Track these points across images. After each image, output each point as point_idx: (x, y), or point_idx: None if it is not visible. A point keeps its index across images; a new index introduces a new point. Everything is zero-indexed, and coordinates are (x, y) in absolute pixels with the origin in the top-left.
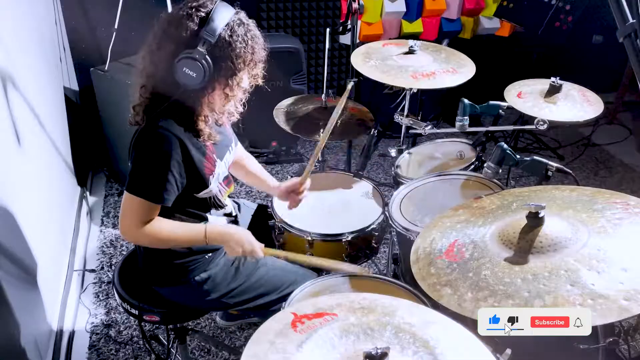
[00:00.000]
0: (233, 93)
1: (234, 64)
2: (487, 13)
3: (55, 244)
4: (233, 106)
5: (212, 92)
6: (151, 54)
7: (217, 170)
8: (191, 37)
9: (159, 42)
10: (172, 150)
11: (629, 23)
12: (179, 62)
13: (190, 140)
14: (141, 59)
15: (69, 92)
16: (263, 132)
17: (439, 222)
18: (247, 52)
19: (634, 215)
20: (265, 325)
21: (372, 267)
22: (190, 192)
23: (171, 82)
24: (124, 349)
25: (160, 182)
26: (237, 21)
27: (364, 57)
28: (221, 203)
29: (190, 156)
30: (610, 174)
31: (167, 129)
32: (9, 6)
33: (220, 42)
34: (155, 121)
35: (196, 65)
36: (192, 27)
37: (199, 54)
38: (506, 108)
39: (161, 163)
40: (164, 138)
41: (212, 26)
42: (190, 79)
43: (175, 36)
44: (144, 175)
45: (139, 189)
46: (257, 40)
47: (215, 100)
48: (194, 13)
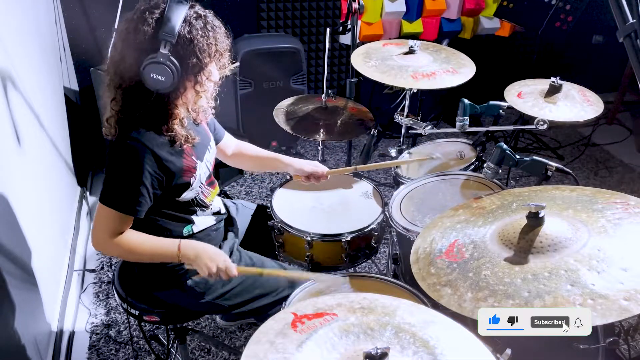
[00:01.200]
0: (204, 88)
1: (200, 59)
2: (487, 13)
3: (55, 244)
4: (206, 101)
5: (185, 92)
6: (115, 65)
7: (198, 171)
8: (151, 41)
9: (120, 52)
10: (143, 162)
11: (629, 23)
12: (145, 69)
13: (165, 147)
14: (106, 73)
15: (69, 92)
16: (263, 132)
17: (439, 222)
18: (211, 44)
19: (634, 215)
20: (265, 325)
21: (372, 267)
22: (172, 197)
23: (141, 91)
24: (124, 349)
25: (132, 194)
26: (193, 15)
27: (364, 57)
28: (205, 204)
29: (166, 165)
30: (610, 174)
31: (139, 140)
32: (9, 6)
33: (181, 40)
34: (127, 132)
35: (163, 69)
36: (149, 31)
37: (162, 56)
38: (506, 108)
39: (133, 176)
40: (135, 150)
41: (169, 26)
42: (160, 84)
43: (134, 43)
44: (117, 188)
45: (112, 201)
46: (218, 30)
47: (188, 99)
48: (148, 16)
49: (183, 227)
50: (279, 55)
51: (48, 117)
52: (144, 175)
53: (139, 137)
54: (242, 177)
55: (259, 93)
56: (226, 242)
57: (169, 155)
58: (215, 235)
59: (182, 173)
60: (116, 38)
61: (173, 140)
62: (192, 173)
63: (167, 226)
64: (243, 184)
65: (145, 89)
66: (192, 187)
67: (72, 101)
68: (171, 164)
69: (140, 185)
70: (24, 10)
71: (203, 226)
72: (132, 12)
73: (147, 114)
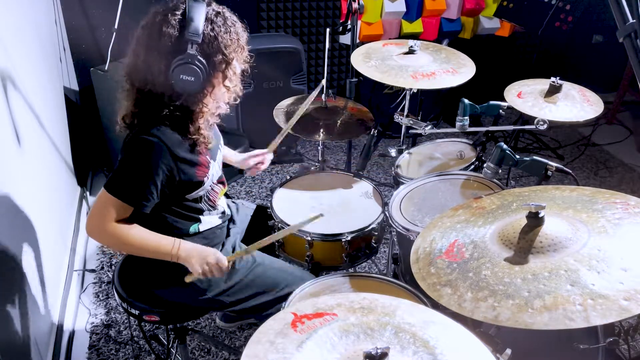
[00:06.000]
0: (233, 83)
1: (226, 55)
2: (487, 13)
3: (55, 244)
4: (234, 97)
5: (213, 89)
6: (140, 72)
7: (211, 171)
8: (177, 43)
9: (144, 58)
10: (160, 159)
11: (629, 23)
12: (174, 71)
13: (183, 147)
14: (127, 77)
15: (69, 92)
16: (263, 132)
17: (439, 222)
18: (234, 39)
19: (634, 215)
20: (265, 325)
21: (372, 267)
22: (182, 195)
23: (169, 93)
24: (124, 349)
25: (141, 188)
26: (213, 12)
27: (364, 57)
28: (214, 204)
29: (182, 164)
30: (610, 174)
31: (159, 138)
32: (9, 6)
33: (206, 39)
34: (149, 128)
35: (192, 69)
36: (174, 33)
37: (191, 57)
38: (506, 108)
39: (146, 170)
40: (152, 145)
41: (193, 26)
42: (190, 84)
43: (160, 47)
44: (127, 179)
45: (119, 191)
46: (237, 24)
47: (218, 96)
48: (170, 18)
49: (190, 225)
50: (279, 55)
51: (48, 117)
52: (156, 172)
53: (159, 134)
54: (242, 177)
55: (259, 93)
56: (229, 239)
57: (186, 154)
58: (220, 233)
59: (196, 172)
60: (136, 44)
61: (194, 142)
62: (206, 173)
63: (175, 224)
64: (243, 184)
65: (173, 90)
66: (203, 186)
67: (72, 101)
68: (187, 163)
69: (151, 180)
70: (24, 10)
71: (209, 225)
72: (150, 16)
73: (172, 114)
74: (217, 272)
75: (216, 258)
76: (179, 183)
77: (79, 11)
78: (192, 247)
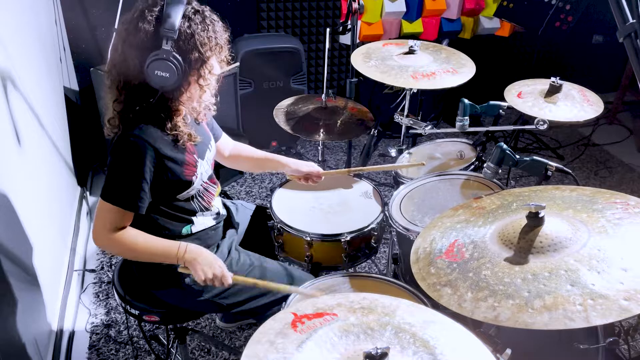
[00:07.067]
0: (207, 82)
1: (202, 53)
2: (487, 13)
3: (55, 244)
4: (209, 96)
5: (189, 87)
6: (117, 66)
7: (199, 170)
8: (152, 38)
9: (122, 53)
10: (145, 158)
11: (629, 23)
12: (149, 67)
13: (168, 144)
14: (107, 75)
15: (69, 92)
16: (263, 132)
17: (439, 222)
18: (211, 37)
19: (634, 215)
20: (265, 325)
21: (372, 267)
22: (172, 195)
23: (146, 89)
24: (124, 349)
25: (133, 190)
26: (192, 10)
27: (364, 57)
28: (208, 205)
29: (168, 161)
30: (610, 174)
31: (141, 137)
32: (9, 6)
33: (182, 36)
34: (130, 130)
35: (167, 65)
36: (150, 29)
37: (166, 52)
38: (506, 108)
39: (134, 171)
40: (136, 146)
41: (169, 22)
42: (164, 80)
43: (136, 42)
44: (118, 184)
45: (113, 197)
46: (216, 23)
47: (193, 95)
48: (147, 14)
49: (182, 226)
50: (279, 55)
51: (48, 117)
52: (144, 170)
53: (141, 133)
54: (242, 177)
55: (259, 93)
56: (224, 240)
57: (171, 152)
58: (214, 234)
59: (184, 171)
60: (116, 39)
61: (176, 138)
62: (194, 171)
63: (166, 225)
64: (243, 184)
65: (149, 87)
66: (193, 186)
67: (72, 101)
68: (173, 160)
69: (142, 180)
70: (24, 10)
71: (202, 227)
72: (130, 12)
73: (150, 111)
74: (217, 284)
75: (222, 273)
76: (167, 182)
77: (79, 11)
78: (201, 253)
